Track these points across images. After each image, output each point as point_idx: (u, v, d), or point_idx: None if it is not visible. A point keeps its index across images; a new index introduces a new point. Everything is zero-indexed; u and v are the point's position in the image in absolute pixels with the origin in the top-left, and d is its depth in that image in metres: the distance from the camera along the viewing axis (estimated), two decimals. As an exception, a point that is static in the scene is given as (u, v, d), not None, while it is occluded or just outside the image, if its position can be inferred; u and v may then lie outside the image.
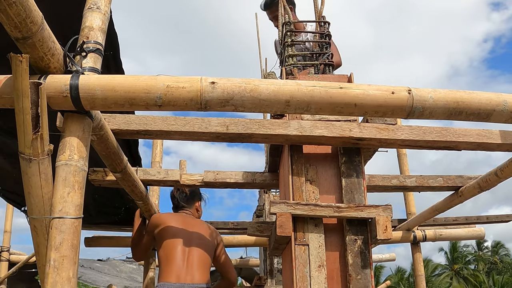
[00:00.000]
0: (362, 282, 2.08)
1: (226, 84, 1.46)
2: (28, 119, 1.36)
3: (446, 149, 2.20)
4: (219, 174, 2.92)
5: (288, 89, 1.48)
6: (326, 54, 2.65)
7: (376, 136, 2.16)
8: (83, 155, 1.49)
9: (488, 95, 1.61)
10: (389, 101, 1.55)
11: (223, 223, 4.27)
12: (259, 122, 2.17)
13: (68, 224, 1.40)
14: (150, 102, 1.44)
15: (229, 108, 1.47)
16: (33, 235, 1.47)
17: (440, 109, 1.59)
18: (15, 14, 1.26)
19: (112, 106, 1.48)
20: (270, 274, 4.33)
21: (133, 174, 2.53)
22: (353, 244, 2.14)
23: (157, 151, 4.14)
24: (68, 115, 1.52)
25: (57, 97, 1.45)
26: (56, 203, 1.41)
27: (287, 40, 2.67)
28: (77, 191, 1.44)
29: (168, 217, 2.99)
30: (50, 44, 1.42)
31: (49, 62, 1.46)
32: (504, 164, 2.33)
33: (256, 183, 2.93)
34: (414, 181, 2.85)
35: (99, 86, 1.45)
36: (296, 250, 2.11)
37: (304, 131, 2.16)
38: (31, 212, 1.45)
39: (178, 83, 1.45)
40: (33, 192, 1.42)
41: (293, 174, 2.24)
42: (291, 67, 2.54)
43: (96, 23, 1.65)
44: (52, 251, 1.37)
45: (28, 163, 1.39)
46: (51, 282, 1.34)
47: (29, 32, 1.32)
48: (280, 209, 2.11)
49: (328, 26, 2.73)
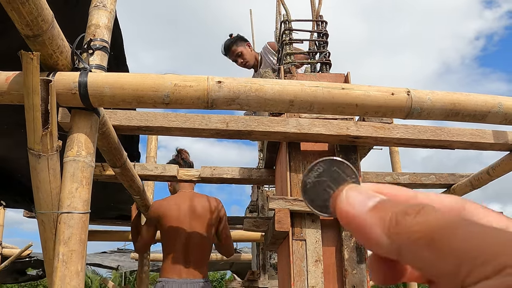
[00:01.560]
0: (357, 277, 2.14)
1: (232, 83, 1.50)
2: (38, 116, 1.38)
3: (440, 148, 2.26)
4: (216, 170, 2.95)
5: (292, 89, 1.52)
6: (323, 53, 2.69)
7: (372, 135, 2.21)
8: (91, 151, 1.52)
9: (483, 97, 1.67)
10: (389, 102, 1.60)
11: (216, 218, 4.30)
12: (258, 120, 2.21)
13: (77, 218, 1.43)
14: (157, 100, 1.47)
15: (234, 107, 1.51)
16: (41, 230, 1.49)
17: (437, 110, 1.64)
18: (27, 13, 1.28)
19: (120, 104, 1.50)
20: (263, 269, 4.39)
21: (131, 169, 2.56)
22: (349, 240, 2.19)
23: (151, 146, 4.16)
24: (76, 112, 1.55)
25: (66, 94, 1.47)
26: (65, 198, 1.44)
27: (285, 39, 2.71)
28: (85, 187, 1.47)
29: (169, 206, 3.02)
30: (59, 42, 1.44)
31: (57, 60, 1.48)
32: (496, 163, 2.40)
33: (253, 179, 2.97)
34: (407, 178, 2.92)
35: (107, 84, 1.47)
36: (293, 245, 2.16)
37: (302, 129, 2.20)
38: (39, 207, 1.47)
39: (185, 82, 1.48)
40: (41, 188, 1.44)
41: (291, 170, 2.28)
42: (289, 65, 2.58)
43: (102, 21, 1.67)
44: (61, 245, 1.40)
45: (37, 158, 1.41)
46: (60, 276, 1.37)
47: (40, 30, 1.35)
48: (278, 205, 2.16)
49: (326, 25, 2.77)
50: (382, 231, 0.26)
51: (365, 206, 0.28)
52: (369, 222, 0.27)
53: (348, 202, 0.30)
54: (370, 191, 0.30)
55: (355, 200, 0.29)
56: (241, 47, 4.39)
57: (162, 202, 3.09)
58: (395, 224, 0.26)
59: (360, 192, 0.30)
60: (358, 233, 0.29)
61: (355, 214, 0.29)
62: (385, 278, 0.30)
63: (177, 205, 3.06)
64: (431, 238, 0.23)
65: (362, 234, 0.28)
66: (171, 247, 2.94)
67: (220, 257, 6.69)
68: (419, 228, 0.24)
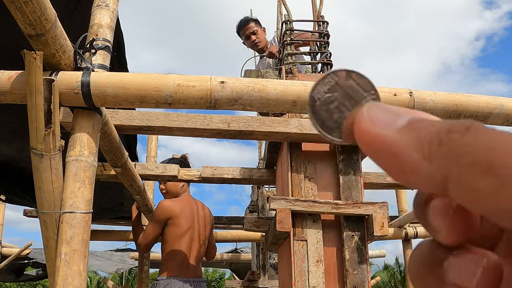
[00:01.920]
0: (358, 277, 2.14)
1: (235, 83, 1.50)
2: (40, 115, 1.38)
3: (442, 149, 2.26)
4: (216, 170, 2.95)
5: (295, 90, 1.52)
6: (325, 53, 2.69)
7: (374, 135, 2.21)
8: (93, 150, 1.51)
9: (485, 99, 1.67)
10: (391, 102, 1.60)
11: (217, 218, 4.31)
12: (260, 120, 2.21)
13: (79, 218, 1.43)
14: (160, 100, 1.47)
15: (237, 107, 1.51)
16: (43, 229, 1.49)
17: (439, 111, 1.64)
18: (31, 12, 1.28)
19: (122, 103, 1.50)
20: (262, 269, 4.38)
21: (132, 169, 2.56)
22: (350, 240, 2.19)
23: (152, 146, 4.16)
24: (78, 112, 1.55)
25: (68, 94, 1.47)
26: (67, 198, 1.44)
27: (286, 39, 2.71)
28: (87, 186, 1.47)
29: (179, 208, 3.13)
30: (62, 41, 1.44)
31: (60, 59, 1.48)
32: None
33: (253, 179, 2.97)
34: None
35: (110, 83, 1.47)
36: (294, 245, 2.16)
37: (304, 129, 2.20)
38: (41, 207, 1.47)
39: (188, 82, 1.48)
40: (44, 187, 1.44)
41: (292, 171, 2.28)
42: (291, 65, 2.58)
43: (104, 20, 1.67)
44: (63, 245, 1.40)
45: (39, 158, 1.41)
46: (62, 275, 1.37)
47: (43, 30, 1.34)
48: (280, 205, 2.16)
49: (327, 25, 2.77)
50: (420, 154, 0.21)
51: (394, 124, 0.23)
52: (402, 143, 0.22)
53: (372, 120, 0.24)
54: (398, 108, 0.24)
55: (380, 119, 0.24)
56: (258, 27, 4.38)
57: (172, 203, 3.17)
58: (437, 144, 0.20)
59: (385, 109, 0.24)
60: (387, 159, 0.23)
61: (382, 134, 0.23)
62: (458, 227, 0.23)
63: (186, 207, 3.18)
64: (490, 162, 0.18)
65: (393, 159, 0.22)
66: (178, 247, 3.05)
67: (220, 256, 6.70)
68: (472, 149, 0.19)
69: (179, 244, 3.05)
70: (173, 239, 3.06)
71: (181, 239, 3.06)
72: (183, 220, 3.10)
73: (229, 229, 4.46)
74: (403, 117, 0.23)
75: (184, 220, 3.10)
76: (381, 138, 0.23)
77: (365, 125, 0.24)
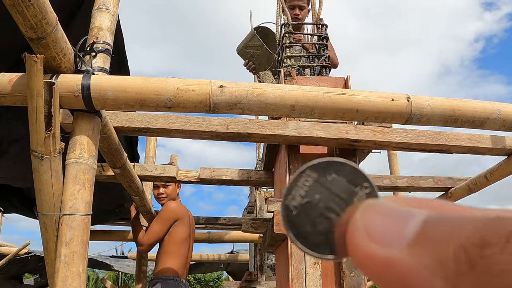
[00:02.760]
0: (355, 280, 2.16)
1: (234, 88, 1.51)
2: (41, 118, 1.39)
3: (439, 152, 2.28)
4: (215, 171, 2.96)
5: (294, 94, 1.54)
6: (324, 56, 2.70)
7: (371, 138, 2.22)
8: (93, 153, 1.53)
9: (482, 104, 1.68)
10: (389, 107, 1.62)
11: (214, 219, 4.32)
12: (258, 122, 2.22)
13: (78, 220, 1.44)
14: (160, 103, 1.48)
15: (236, 111, 1.52)
16: (42, 231, 1.50)
17: (437, 116, 1.65)
18: (32, 16, 1.28)
19: (122, 107, 1.51)
20: (260, 270, 4.40)
21: (131, 170, 2.57)
22: (348, 243, 2.21)
23: (150, 146, 4.17)
24: (78, 114, 1.56)
25: (69, 97, 1.48)
26: (67, 200, 1.45)
27: (285, 42, 2.72)
28: (87, 189, 1.48)
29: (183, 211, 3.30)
30: (62, 44, 1.45)
31: (60, 62, 1.49)
32: (493, 167, 2.42)
33: (251, 181, 2.98)
34: (406, 182, 2.93)
35: (110, 86, 1.48)
36: (292, 248, 2.17)
37: (302, 132, 2.21)
38: (41, 209, 1.48)
39: (187, 85, 1.49)
40: (44, 189, 1.45)
41: (290, 173, 2.29)
42: (290, 68, 2.59)
43: (105, 23, 1.68)
44: (63, 247, 1.41)
45: (40, 160, 1.42)
46: (62, 277, 1.38)
47: (44, 33, 1.35)
48: (277, 207, 2.17)
49: (326, 28, 2.79)
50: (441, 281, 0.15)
51: (400, 237, 0.17)
52: (415, 267, 0.16)
53: (370, 235, 0.18)
54: (403, 205, 0.18)
55: (380, 230, 0.17)
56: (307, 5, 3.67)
57: (178, 206, 3.33)
58: (465, 265, 0.15)
59: (386, 213, 0.18)
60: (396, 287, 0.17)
61: (387, 258, 0.17)
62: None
63: (185, 211, 3.34)
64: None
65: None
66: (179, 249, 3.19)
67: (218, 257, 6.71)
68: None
69: (183, 246, 3.20)
70: (179, 240, 3.19)
71: (184, 241, 3.22)
72: (186, 223, 3.28)
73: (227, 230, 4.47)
74: (411, 221, 0.17)
75: (186, 223, 3.28)
76: (384, 261, 0.17)
77: (361, 243, 0.18)
